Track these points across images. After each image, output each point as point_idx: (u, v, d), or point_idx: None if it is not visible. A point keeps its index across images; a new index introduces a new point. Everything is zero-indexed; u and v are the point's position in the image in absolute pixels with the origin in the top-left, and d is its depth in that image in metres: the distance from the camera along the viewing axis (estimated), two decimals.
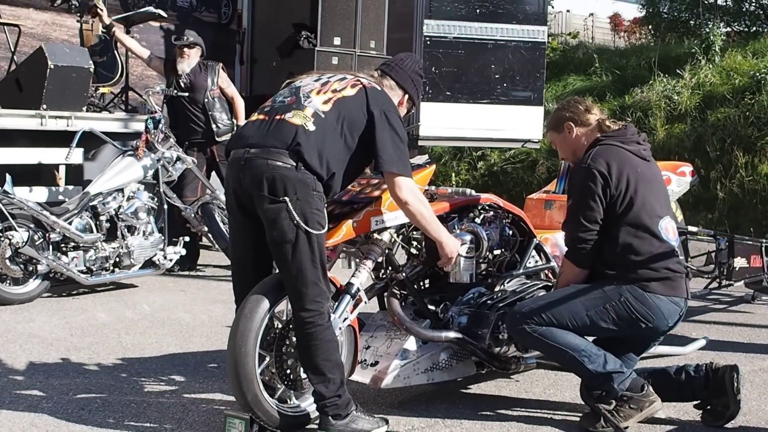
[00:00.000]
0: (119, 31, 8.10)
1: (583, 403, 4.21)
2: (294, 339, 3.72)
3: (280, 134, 3.62)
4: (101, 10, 8.01)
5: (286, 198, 3.52)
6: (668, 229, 4.04)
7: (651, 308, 3.90)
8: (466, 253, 4.16)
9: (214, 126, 7.81)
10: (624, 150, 4.04)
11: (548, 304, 3.98)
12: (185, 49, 7.87)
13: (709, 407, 4.08)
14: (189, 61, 7.87)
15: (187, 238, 7.31)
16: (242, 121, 7.70)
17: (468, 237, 4.20)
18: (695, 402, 4.13)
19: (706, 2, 18.22)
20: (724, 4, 19.45)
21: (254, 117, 3.82)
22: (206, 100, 7.81)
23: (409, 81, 4.03)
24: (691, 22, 18.94)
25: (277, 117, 3.69)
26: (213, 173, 8.04)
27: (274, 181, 3.54)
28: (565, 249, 4.13)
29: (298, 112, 3.67)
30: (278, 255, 3.61)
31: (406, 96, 4.03)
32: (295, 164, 3.56)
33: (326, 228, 3.64)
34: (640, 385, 3.94)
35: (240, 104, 8.08)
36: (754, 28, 18.53)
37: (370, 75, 3.99)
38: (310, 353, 3.61)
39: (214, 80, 7.89)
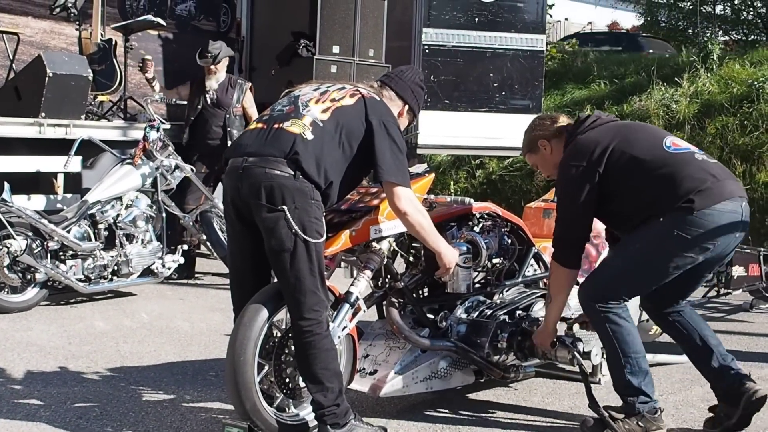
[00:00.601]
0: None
1: (580, 412, 4.21)
2: (293, 348, 3.72)
3: (278, 143, 3.62)
4: (150, 62, 8.10)
5: (284, 207, 3.51)
6: (677, 143, 3.97)
7: (708, 226, 3.75)
8: (464, 263, 4.14)
9: (228, 142, 7.82)
10: (586, 132, 4.01)
11: (619, 274, 3.89)
12: (212, 66, 7.96)
13: (716, 408, 4.06)
14: (217, 75, 7.99)
15: (185, 247, 7.31)
16: None
17: (465, 247, 4.20)
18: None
19: (704, 11, 18.27)
20: (722, 13, 19.51)
21: (253, 126, 3.82)
22: (228, 116, 7.92)
23: (408, 91, 4.02)
24: (690, 30, 18.99)
25: (276, 126, 3.69)
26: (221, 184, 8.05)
27: (272, 189, 3.54)
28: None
29: (297, 120, 3.67)
30: (276, 264, 3.60)
31: (406, 107, 4.01)
32: (293, 173, 3.55)
33: (324, 237, 3.64)
34: (655, 409, 3.90)
35: None
36: (752, 37, 18.61)
37: (369, 85, 3.99)
38: (308, 362, 3.60)
39: (240, 98, 8.00)
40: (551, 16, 18.21)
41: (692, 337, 4.06)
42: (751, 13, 19.52)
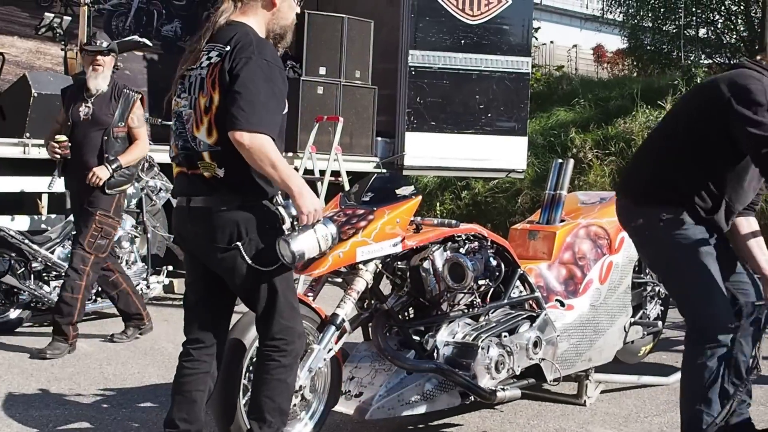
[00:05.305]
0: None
1: None
2: None
3: (204, 186, 3.38)
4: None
5: (238, 244, 3.30)
6: None
7: None
8: (318, 231, 3.39)
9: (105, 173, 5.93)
10: None
11: (702, 297, 3.62)
12: (99, 57, 6.05)
13: None
14: (104, 73, 6.08)
15: (170, 267, 7.27)
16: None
17: (332, 228, 3.48)
18: None
19: (687, 35, 18.41)
20: (706, 36, 19.67)
21: (176, 169, 3.53)
22: (105, 138, 5.93)
23: None
24: (673, 54, 19.13)
25: (191, 172, 3.42)
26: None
27: (223, 228, 3.33)
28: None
29: (202, 163, 3.37)
30: (245, 299, 3.47)
31: None
32: (239, 203, 3.34)
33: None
34: None
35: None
36: (735, 60, 18.72)
37: (222, 18, 3.42)
38: (256, 386, 3.45)
39: (125, 114, 6.02)
40: (537, 38, 18.30)
41: None
42: (734, 36, 19.68)
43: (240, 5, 3.44)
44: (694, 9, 18.75)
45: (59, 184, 7.00)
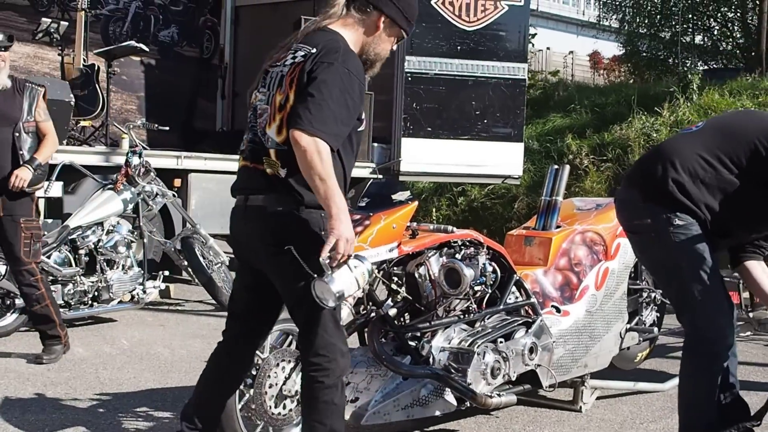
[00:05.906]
0: None
1: None
2: (274, 375, 3.70)
3: (264, 183, 3.34)
4: None
5: (291, 247, 3.19)
6: None
7: None
8: (355, 267, 3.22)
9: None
10: None
11: (706, 308, 3.61)
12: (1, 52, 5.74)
13: None
14: (5, 69, 5.76)
15: (167, 272, 7.28)
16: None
17: (368, 264, 3.33)
18: None
19: (684, 41, 18.46)
20: (702, 43, 19.74)
21: (241, 162, 3.52)
22: (16, 134, 5.66)
23: None
24: (670, 60, 19.19)
25: (254, 166, 3.39)
26: None
27: (278, 230, 3.27)
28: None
29: (267, 159, 3.34)
30: (291, 306, 3.38)
31: (382, 17, 3.42)
32: (294, 207, 3.28)
33: None
34: None
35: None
36: (731, 67, 18.80)
37: (324, 21, 3.42)
38: (306, 409, 3.35)
39: (32, 108, 5.74)
40: (533, 45, 18.34)
41: None
42: (730, 43, 19.75)
43: (346, 13, 3.40)
44: (690, 16, 18.82)
45: (56, 189, 7.02)
